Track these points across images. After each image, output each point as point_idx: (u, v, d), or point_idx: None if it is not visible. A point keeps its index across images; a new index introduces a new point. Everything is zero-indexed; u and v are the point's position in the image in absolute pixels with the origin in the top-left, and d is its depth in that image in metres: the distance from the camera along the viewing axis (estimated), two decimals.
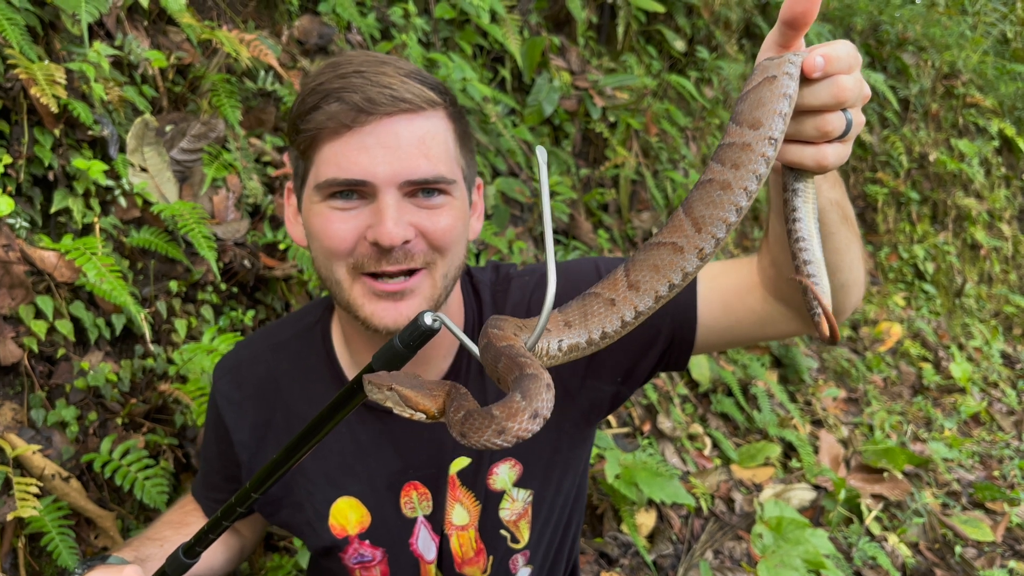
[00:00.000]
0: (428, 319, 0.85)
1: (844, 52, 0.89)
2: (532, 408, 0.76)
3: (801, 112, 0.91)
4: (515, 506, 1.54)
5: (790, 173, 0.98)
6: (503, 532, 1.55)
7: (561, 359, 0.95)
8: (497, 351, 0.85)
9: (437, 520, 1.53)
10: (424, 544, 1.53)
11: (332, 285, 1.37)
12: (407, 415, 0.86)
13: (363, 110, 1.26)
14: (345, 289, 1.35)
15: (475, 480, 1.51)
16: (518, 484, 1.53)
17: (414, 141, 1.29)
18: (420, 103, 1.30)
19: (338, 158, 1.28)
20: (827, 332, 0.92)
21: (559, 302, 1.53)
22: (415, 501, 1.52)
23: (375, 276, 1.33)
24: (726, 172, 0.89)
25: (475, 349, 0.90)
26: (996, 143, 7.16)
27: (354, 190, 1.30)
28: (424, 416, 0.86)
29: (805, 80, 0.89)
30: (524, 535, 1.56)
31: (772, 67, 0.89)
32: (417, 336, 0.86)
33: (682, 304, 1.41)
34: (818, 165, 0.93)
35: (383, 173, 1.27)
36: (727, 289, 1.41)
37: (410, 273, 1.34)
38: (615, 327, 0.94)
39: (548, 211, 0.85)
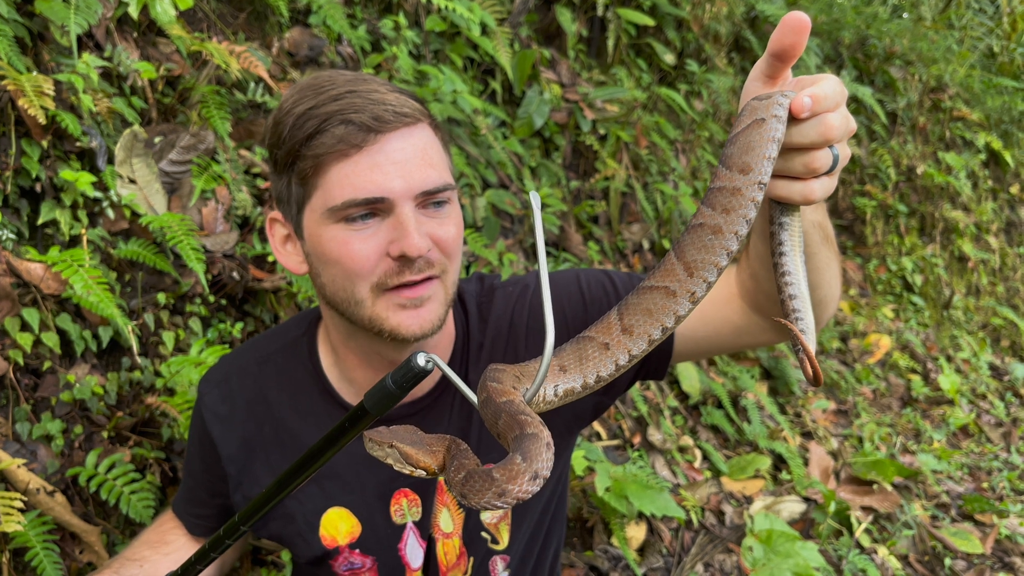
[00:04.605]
0: (421, 360, 0.85)
1: (831, 90, 0.90)
2: (532, 470, 0.78)
3: (789, 150, 0.92)
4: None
5: (777, 207, 0.99)
6: (484, 534, 1.57)
7: (557, 403, 0.96)
8: (497, 407, 0.85)
9: (424, 526, 1.54)
10: (412, 551, 1.54)
11: (351, 305, 1.37)
12: (407, 471, 0.88)
13: (372, 129, 1.28)
14: (368, 307, 1.35)
15: None
16: None
17: (418, 153, 1.32)
18: (417, 116, 1.34)
19: (351, 179, 1.29)
20: (810, 375, 0.92)
21: (538, 313, 1.55)
22: (404, 508, 1.54)
23: (397, 287, 1.35)
24: (717, 216, 0.90)
25: (469, 393, 0.90)
26: (983, 156, 7.21)
27: (371, 209, 1.31)
28: (424, 473, 0.89)
29: (793, 119, 0.89)
30: (504, 537, 1.58)
31: (760, 108, 0.90)
32: (411, 378, 0.86)
33: None
34: (805, 199, 0.94)
35: (399, 188, 1.29)
36: (705, 301, 1.42)
37: (427, 279, 1.36)
38: (609, 371, 0.95)
39: (543, 259, 0.85)
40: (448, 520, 1.54)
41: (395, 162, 1.29)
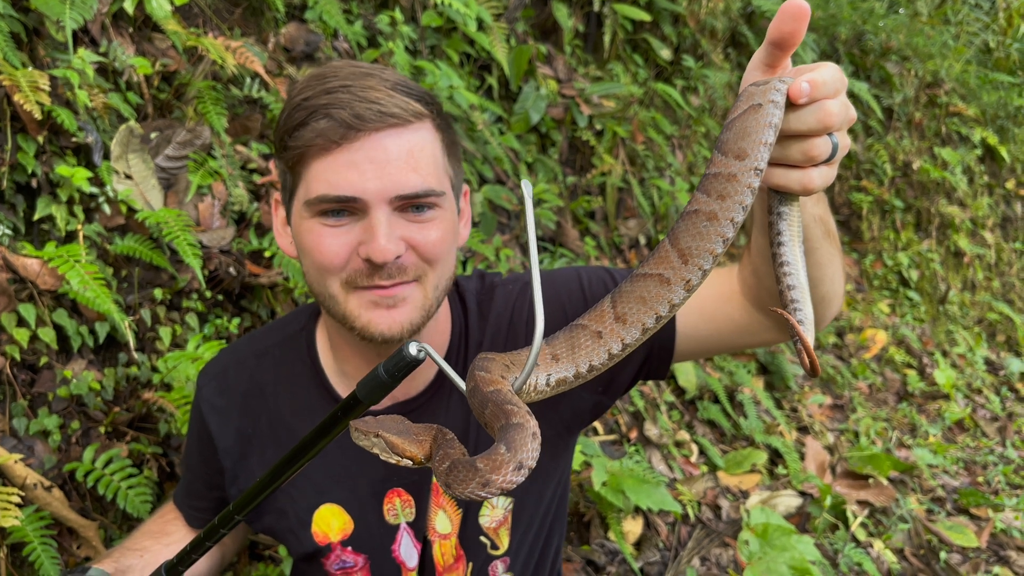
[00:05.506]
0: (413, 349, 0.85)
1: (830, 77, 0.88)
2: (516, 460, 0.77)
3: (787, 137, 0.90)
4: (495, 513, 1.55)
5: (775, 196, 0.97)
6: (483, 539, 1.56)
7: (549, 393, 0.94)
8: (484, 397, 0.84)
9: (419, 527, 1.53)
10: (406, 551, 1.53)
11: (326, 299, 1.38)
12: (393, 461, 0.88)
13: (351, 127, 1.26)
14: (340, 303, 1.36)
15: None
16: None
17: (403, 155, 1.29)
18: (408, 116, 1.30)
19: (327, 175, 1.28)
20: (808, 366, 0.91)
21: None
22: (398, 508, 1.53)
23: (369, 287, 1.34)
24: (712, 203, 0.88)
25: (459, 381, 0.89)
26: (979, 151, 7.23)
27: (344, 207, 1.30)
28: (411, 462, 0.88)
29: (791, 105, 0.88)
30: (504, 542, 1.57)
31: (757, 94, 0.88)
32: (403, 367, 0.86)
33: None
34: (804, 189, 0.92)
35: (373, 189, 1.27)
36: (707, 298, 1.41)
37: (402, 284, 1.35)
38: (602, 360, 0.93)
39: (534, 250, 0.83)
40: (445, 522, 1.53)
41: (374, 161, 1.27)
